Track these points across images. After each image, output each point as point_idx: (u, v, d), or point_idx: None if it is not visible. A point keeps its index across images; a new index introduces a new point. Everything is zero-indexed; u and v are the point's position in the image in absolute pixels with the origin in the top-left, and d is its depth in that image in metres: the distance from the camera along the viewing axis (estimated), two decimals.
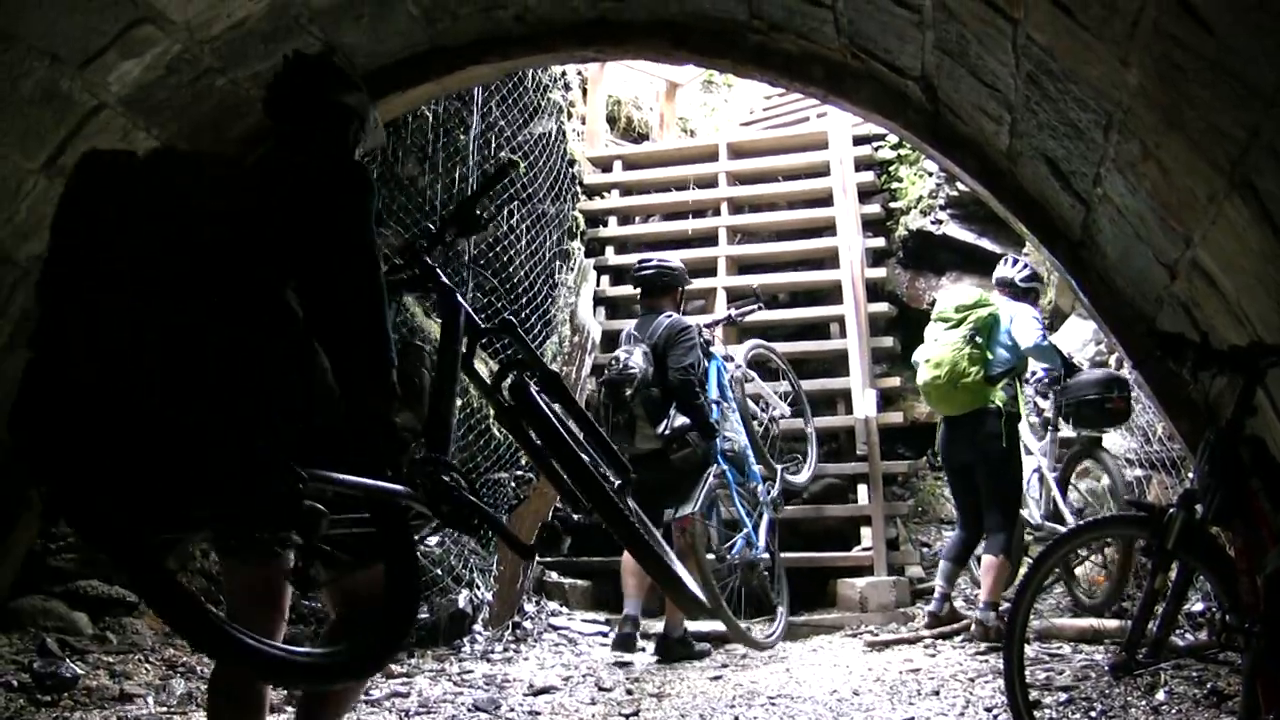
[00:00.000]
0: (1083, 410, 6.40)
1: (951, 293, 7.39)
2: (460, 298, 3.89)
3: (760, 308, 8.51)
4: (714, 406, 7.06)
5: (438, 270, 3.77)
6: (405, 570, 3.25)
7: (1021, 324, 6.68)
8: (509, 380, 3.82)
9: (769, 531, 7.23)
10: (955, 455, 6.92)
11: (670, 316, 6.97)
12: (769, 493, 7.47)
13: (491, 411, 4.60)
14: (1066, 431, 7.02)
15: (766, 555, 7.12)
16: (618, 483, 4.10)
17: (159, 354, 2.58)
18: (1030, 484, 7.09)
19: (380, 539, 3.20)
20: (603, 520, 3.86)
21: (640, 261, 7.47)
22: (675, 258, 7.68)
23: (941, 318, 6.92)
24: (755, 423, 7.87)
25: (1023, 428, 7.15)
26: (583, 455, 3.84)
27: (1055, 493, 6.75)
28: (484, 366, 5.73)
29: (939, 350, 6.79)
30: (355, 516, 3.04)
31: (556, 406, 3.99)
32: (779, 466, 7.91)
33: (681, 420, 6.48)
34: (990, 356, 6.67)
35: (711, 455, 6.76)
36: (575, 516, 4.44)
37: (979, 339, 6.67)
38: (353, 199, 3.15)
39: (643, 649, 6.67)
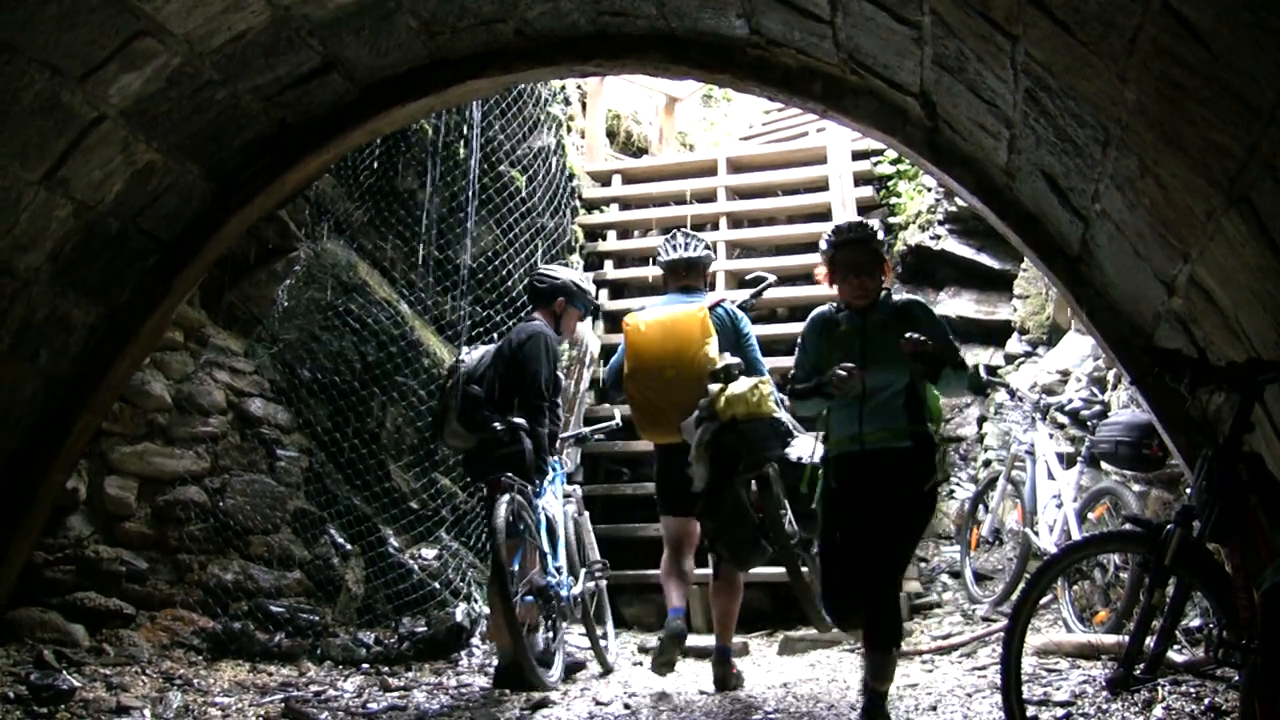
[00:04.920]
0: (1120, 450, 6.33)
1: None
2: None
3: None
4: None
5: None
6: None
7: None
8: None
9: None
10: None
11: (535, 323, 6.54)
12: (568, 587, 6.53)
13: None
14: (1089, 472, 6.97)
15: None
16: None
17: None
18: (1046, 509, 7.06)
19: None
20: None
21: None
22: None
23: None
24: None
25: (1048, 453, 7.13)
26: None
27: (1073, 524, 6.69)
28: None
29: None
30: None
31: None
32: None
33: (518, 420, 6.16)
34: None
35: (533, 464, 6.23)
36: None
37: None
38: None
39: (640, 663, 6.64)
